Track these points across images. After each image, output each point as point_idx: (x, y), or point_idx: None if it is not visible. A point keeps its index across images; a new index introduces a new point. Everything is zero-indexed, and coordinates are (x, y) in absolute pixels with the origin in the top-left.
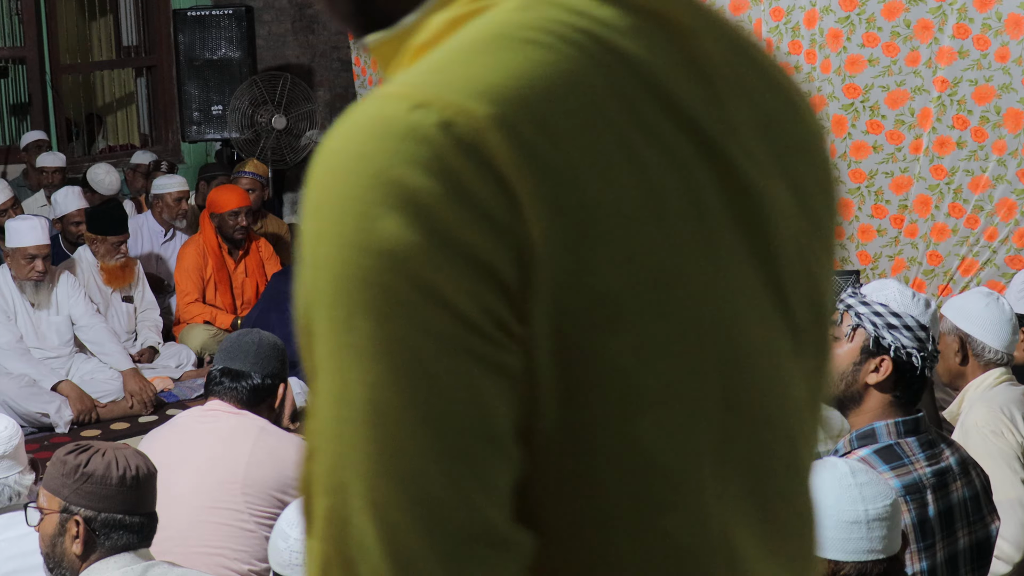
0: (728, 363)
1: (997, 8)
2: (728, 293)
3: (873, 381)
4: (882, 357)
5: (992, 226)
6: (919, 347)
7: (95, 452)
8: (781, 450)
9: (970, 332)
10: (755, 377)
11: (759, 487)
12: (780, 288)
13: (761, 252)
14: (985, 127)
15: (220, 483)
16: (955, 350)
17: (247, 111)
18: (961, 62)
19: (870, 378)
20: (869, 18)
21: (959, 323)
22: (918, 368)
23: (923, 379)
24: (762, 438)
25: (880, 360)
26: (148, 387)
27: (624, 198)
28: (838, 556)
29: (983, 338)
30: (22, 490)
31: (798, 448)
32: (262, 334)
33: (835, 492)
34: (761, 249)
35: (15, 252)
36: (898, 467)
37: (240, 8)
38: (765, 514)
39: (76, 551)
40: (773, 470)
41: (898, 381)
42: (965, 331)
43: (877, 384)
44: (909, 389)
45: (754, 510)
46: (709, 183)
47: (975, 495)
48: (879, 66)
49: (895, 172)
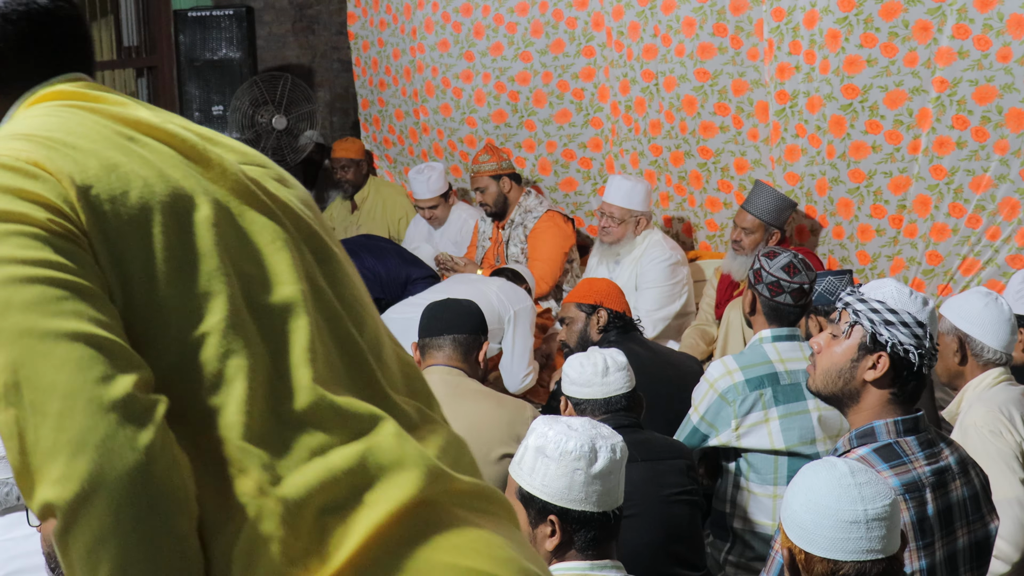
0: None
1: (999, 8)
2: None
3: (870, 378)
4: (879, 354)
5: (994, 225)
6: (916, 344)
7: None
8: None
9: (969, 332)
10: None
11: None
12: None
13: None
14: (986, 127)
15: None
16: (954, 350)
17: (247, 111)
18: (961, 62)
19: (867, 375)
20: (867, 19)
21: (958, 323)
22: (915, 365)
23: (920, 376)
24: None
25: (877, 357)
26: None
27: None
28: (837, 556)
29: (982, 338)
30: None
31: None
32: None
33: (835, 492)
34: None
35: None
36: (897, 466)
37: (240, 9)
38: (323, 353)
39: None
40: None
41: (895, 378)
42: (964, 331)
43: (875, 381)
44: (906, 386)
45: (313, 350)
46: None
47: (974, 494)
48: (877, 66)
49: (894, 172)
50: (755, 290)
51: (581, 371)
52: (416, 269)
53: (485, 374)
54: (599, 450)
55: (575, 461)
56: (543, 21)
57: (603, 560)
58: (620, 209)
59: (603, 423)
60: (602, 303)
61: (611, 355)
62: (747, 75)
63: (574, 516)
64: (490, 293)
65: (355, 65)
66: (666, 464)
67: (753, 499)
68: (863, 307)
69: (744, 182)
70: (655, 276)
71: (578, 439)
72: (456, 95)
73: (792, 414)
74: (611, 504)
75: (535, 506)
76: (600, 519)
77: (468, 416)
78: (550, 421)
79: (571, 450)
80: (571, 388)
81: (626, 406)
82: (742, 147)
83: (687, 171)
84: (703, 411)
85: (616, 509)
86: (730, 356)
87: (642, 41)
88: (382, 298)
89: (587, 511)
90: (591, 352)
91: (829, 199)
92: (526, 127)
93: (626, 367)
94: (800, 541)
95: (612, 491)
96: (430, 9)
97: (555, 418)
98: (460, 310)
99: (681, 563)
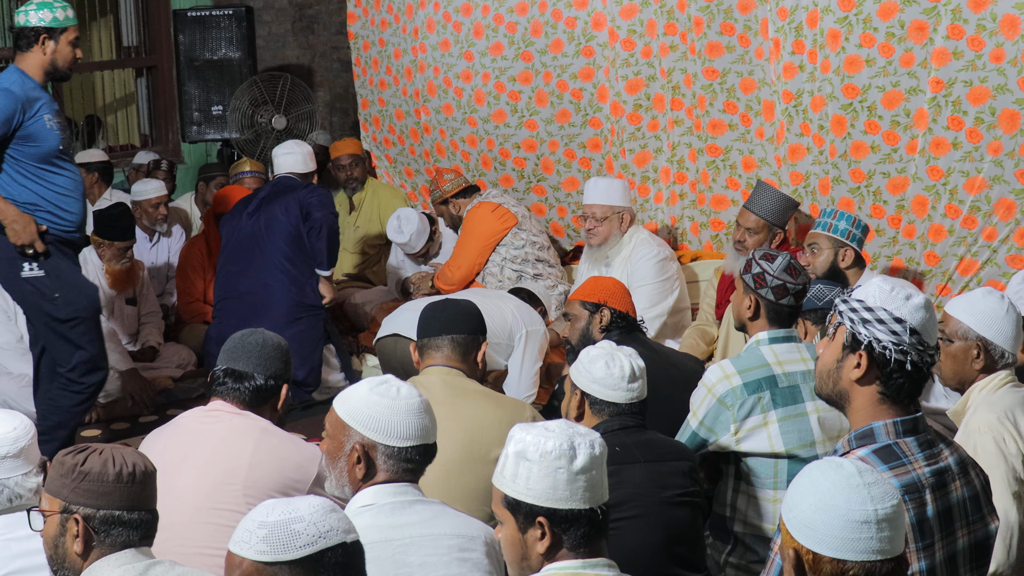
0: None
1: (992, 9)
2: None
3: (855, 377)
4: (860, 352)
5: (991, 226)
6: (895, 340)
7: (92, 451)
8: None
9: (992, 339)
10: None
11: None
12: None
13: None
14: (980, 128)
15: (221, 483)
16: (974, 356)
17: (247, 111)
18: (955, 63)
19: (853, 374)
20: (866, 19)
21: (979, 329)
22: (892, 360)
23: (907, 374)
24: None
25: (859, 356)
26: (148, 388)
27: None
28: (847, 556)
29: (1004, 344)
30: (24, 492)
31: None
32: (266, 335)
33: (844, 492)
34: None
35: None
36: (897, 467)
37: (240, 8)
38: None
39: (77, 550)
40: None
41: (880, 376)
42: (987, 337)
43: (860, 380)
44: (891, 383)
45: None
46: None
47: (975, 495)
48: (875, 67)
49: (892, 172)
50: (758, 295)
51: (608, 373)
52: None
53: (484, 375)
54: (578, 447)
55: (556, 460)
56: (542, 21)
57: (596, 558)
58: (601, 207)
59: (607, 422)
60: (606, 302)
61: (634, 359)
62: (755, 74)
63: (562, 515)
64: (507, 309)
65: (355, 65)
66: (669, 466)
67: (753, 503)
68: (844, 307)
69: (752, 180)
70: (645, 273)
71: (556, 439)
72: (457, 95)
73: (791, 417)
74: (597, 500)
75: (522, 511)
76: (588, 515)
77: (467, 416)
78: (526, 427)
79: (551, 450)
80: (593, 387)
81: (639, 410)
82: (750, 145)
83: (698, 169)
84: (702, 416)
85: (603, 505)
86: (727, 360)
87: (659, 38)
88: None
89: (574, 508)
90: (614, 353)
91: (831, 199)
92: (527, 127)
93: (644, 373)
94: (808, 541)
95: (596, 487)
96: (431, 9)
97: (530, 425)
98: (458, 310)
99: (682, 564)
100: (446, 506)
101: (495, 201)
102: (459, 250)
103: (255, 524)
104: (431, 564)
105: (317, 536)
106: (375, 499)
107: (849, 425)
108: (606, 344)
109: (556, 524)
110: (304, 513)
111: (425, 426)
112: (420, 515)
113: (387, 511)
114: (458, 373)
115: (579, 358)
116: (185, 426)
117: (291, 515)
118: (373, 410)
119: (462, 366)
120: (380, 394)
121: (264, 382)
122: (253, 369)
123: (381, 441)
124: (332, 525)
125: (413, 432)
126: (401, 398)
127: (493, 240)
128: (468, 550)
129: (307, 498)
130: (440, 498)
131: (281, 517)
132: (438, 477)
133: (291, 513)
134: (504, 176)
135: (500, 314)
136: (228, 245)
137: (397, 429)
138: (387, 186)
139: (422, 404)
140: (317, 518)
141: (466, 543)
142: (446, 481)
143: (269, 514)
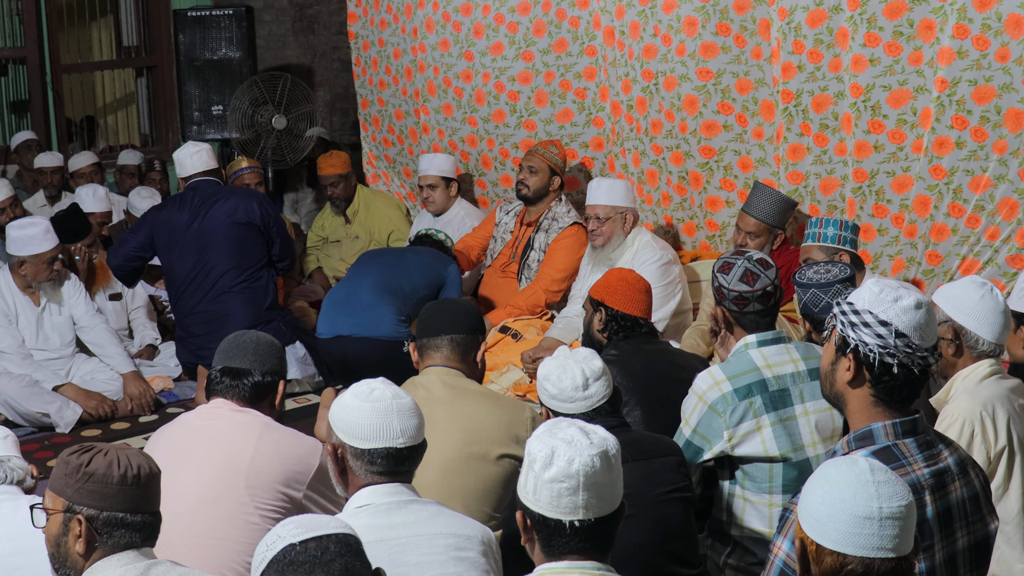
0: None
1: (997, 8)
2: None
3: (846, 379)
4: (849, 355)
5: (993, 225)
6: (881, 343)
7: (98, 452)
8: None
9: (965, 324)
10: None
11: None
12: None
13: None
14: (985, 127)
15: (224, 477)
16: (948, 340)
17: (247, 111)
18: (960, 62)
19: (844, 377)
20: (870, 18)
21: (953, 315)
22: (875, 363)
23: (896, 376)
24: None
25: (849, 359)
26: (148, 391)
27: None
28: (847, 550)
29: (978, 330)
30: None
31: None
32: (259, 333)
33: (852, 487)
34: None
35: (35, 259)
36: (896, 468)
37: (240, 8)
38: None
39: (79, 550)
40: None
41: (869, 379)
42: (960, 323)
43: (850, 382)
44: (880, 386)
45: None
46: None
47: (974, 495)
48: (880, 66)
49: (896, 171)
50: (723, 307)
51: (560, 386)
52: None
53: (483, 374)
54: (556, 457)
55: (532, 463)
56: (546, 20)
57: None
58: (604, 207)
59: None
60: (604, 300)
61: (587, 364)
62: (751, 74)
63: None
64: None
65: (355, 65)
66: (657, 462)
67: (749, 507)
68: (837, 310)
69: (749, 181)
70: (648, 278)
71: (541, 443)
72: (457, 94)
73: (783, 420)
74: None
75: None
76: (555, 524)
77: (467, 416)
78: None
79: (532, 451)
80: (552, 403)
81: (610, 411)
82: (747, 145)
83: (687, 171)
84: (694, 424)
85: (582, 519)
86: (716, 366)
87: (642, 40)
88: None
89: (542, 514)
90: (565, 363)
91: (840, 196)
92: (525, 127)
93: (603, 372)
94: (812, 532)
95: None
96: (431, 8)
97: (571, 421)
98: (458, 310)
99: (676, 561)
100: (442, 506)
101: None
102: (556, 273)
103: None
104: (427, 564)
105: None
106: (371, 499)
107: (840, 426)
108: (560, 354)
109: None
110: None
111: (392, 428)
112: (416, 515)
113: (383, 511)
114: (457, 373)
115: (537, 373)
116: (188, 424)
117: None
118: (344, 410)
119: (461, 366)
120: (354, 394)
121: (262, 378)
122: (250, 365)
123: (347, 442)
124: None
125: (374, 434)
126: (370, 400)
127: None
128: (464, 549)
129: None
130: (439, 498)
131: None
132: (437, 477)
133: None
134: (504, 176)
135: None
136: (172, 268)
137: (359, 431)
138: (379, 193)
139: (395, 406)
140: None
141: (462, 543)
142: (445, 481)
143: None
